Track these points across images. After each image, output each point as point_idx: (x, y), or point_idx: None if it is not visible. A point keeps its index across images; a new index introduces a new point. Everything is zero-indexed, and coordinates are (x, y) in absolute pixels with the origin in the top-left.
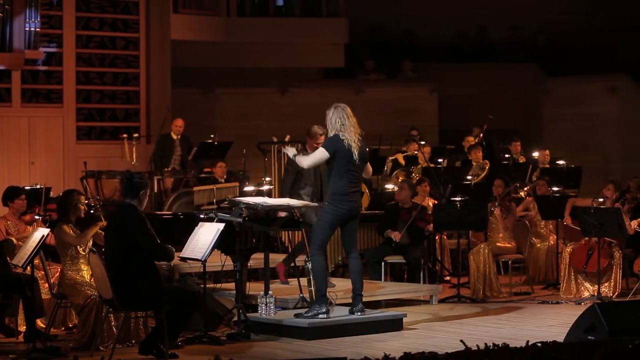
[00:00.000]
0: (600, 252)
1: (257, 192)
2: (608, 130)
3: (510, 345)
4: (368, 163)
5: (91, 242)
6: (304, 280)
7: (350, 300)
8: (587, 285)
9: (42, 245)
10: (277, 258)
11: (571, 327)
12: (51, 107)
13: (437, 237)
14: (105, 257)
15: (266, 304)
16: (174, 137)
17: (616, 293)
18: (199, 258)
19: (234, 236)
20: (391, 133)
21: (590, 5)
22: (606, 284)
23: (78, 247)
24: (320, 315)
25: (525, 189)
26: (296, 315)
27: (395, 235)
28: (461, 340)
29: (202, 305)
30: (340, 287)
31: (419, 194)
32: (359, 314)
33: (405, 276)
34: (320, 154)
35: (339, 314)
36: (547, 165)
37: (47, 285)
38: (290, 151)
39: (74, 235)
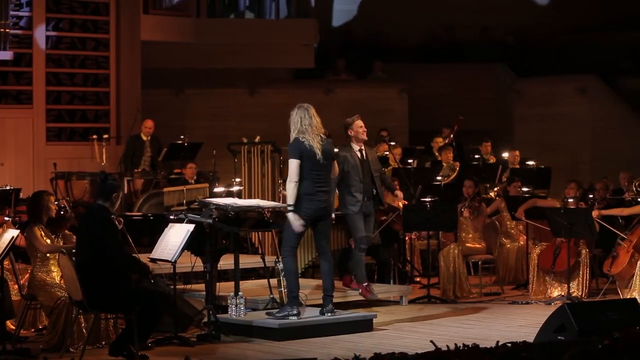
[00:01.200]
0: (566, 251)
1: (227, 193)
2: (578, 130)
3: (480, 346)
4: (335, 165)
5: (61, 244)
6: (274, 281)
7: (320, 301)
8: (557, 285)
9: (12, 246)
10: (247, 259)
11: (541, 328)
12: (21, 108)
13: (407, 238)
14: (76, 258)
15: (236, 305)
16: (144, 138)
17: (585, 293)
18: (169, 259)
19: (204, 237)
20: None
21: (560, 6)
22: (575, 283)
23: None
24: (291, 317)
25: (496, 189)
26: (267, 314)
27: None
28: (431, 341)
29: (172, 307)
30: (311, 287)
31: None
32: (329, 314)
33: (376, 277)
34: (293, 165)
35: (310, 314)
36: (517, 166)
37: (16, 286)
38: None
39: (45, 244)
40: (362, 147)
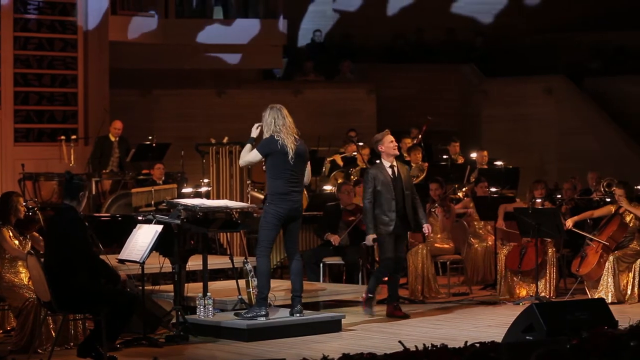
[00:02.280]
0: (533, 250)
1: (196, 194)
2: (545, 130)
3: (449, 346)
4: (309, 168)
5: (29, 245)
6: (242, 282)
7: (289, 302)
8: (525, 285)
9: None
10: (215, 260)
11: (509, 328)
12: None
13: None
14: (45, 260)
15: (204, 306)
16: (112, 139)
17: (553, 293)
18: (137, 260)
19: (172, 238)
20: (329, 134)
21: (527, 7)
22: (542, 283)
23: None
24: (259, 318)
25: (464, 189)
26: (236, 315)
27: (335, 239)
28: (400, 341)
29: (140, 308)
30: (280, 288)
31: (357, 195)
32: (298, 315)
33: (344, 277)
34: (253, 156)
35: (278, 315)
36: (485, 166)
37: None
38: (254, 132)
39: (14, 247)
40: (394, 164)
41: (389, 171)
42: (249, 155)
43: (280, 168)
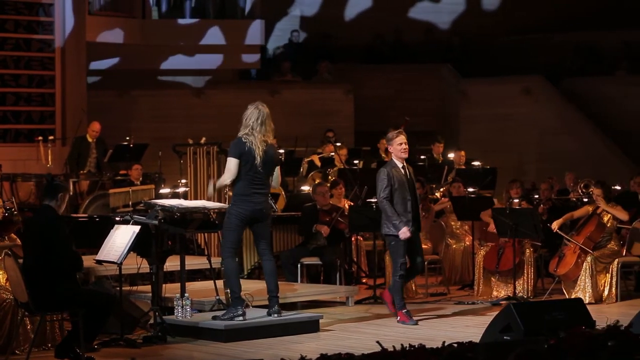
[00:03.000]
0: (510, 250)
1: (173, 195)
2: (523, 131)
3: (427, 346)
4: (278, 172)
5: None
6: (220, 282)
7: (266, 302)
8: (502, 285)
9: None
10: (193, 260)
11: (487, 328)
12: None
13: (353, 239)
14: (24, 261)
15: (182, 307)
16: (90, 140)
17: (531, 293)
18: (115, 261)
19: (150, 239)
20: (307, 134)
21: (504, 7)
22: (519, 282)
23: None
24: (236, 318)
25: (441, 189)
26: (214, 317)
27: (325, 230)
28: (377, 342)
29: (118, 308)
30: (257, 289)
31: (334, 196)
32: (275, 315)
33: (322, 278)
34: (230, 163)
35: (256, 315)
36: (463, 166)
37: None
38: (210, 188)
39: None
40: (405, 165)
41: (402, 171)
42: (228, 167)
43: (245, 170)
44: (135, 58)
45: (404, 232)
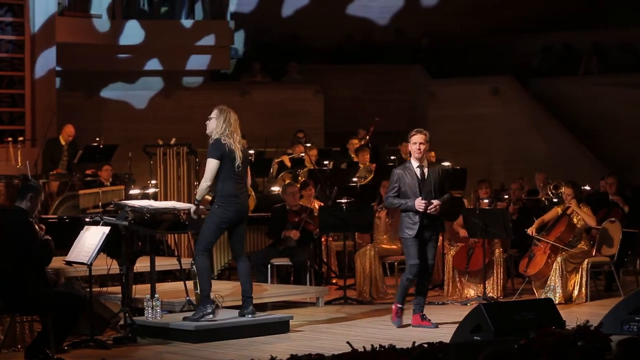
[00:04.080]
0: (480, 251)
1: (143, 195)
2: (492, 131)
3: (397, 346)
4: (249, 170)
5: None
6: (190, 283)
7: (236, 303)
8: (472, 285)
9: None
10: (163, 261)
11: (457, 328)
12: None
13: (323, 239)
14: None
15: (152, 307)
16: (63, 142)
17: (501, 293)
18: (85, 262)
19: (120, 239)
20: (277, 135)
21: (473, 8)
22: (489, 283)
23: None
24: (206, 316)
25: None
26: (184, 319)
27: (294, 234)
28: (348, 342)
29: (88, 309)
30: (228, 289)
31: (304, 197)
32: (249, 316)
33: (292, 278)
34: (212, 164)
35: (226, 316)
36: None
37: None
38: (192, 210)
39: None
40: (424, 164)
41: (417, 172)
42: (208, 168)
43: (229, 171)
44: (105, 59)
45: (419, 203)
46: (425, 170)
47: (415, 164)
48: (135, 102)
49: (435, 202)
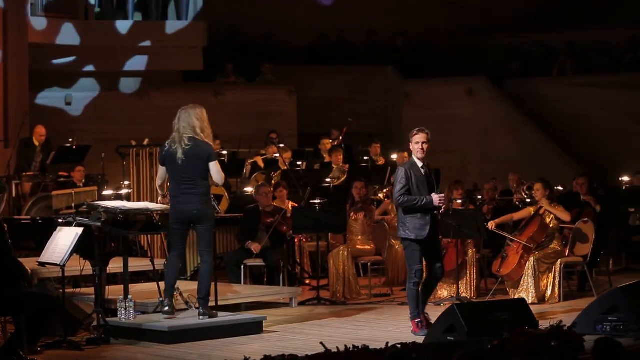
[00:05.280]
0: (453, 251)
1: (116, 196)
2: (466, 132)
3: (370, 347)
4: (215, 167)
5: None
6: (163, 284)
7: (209, 304)
8: (445, 286)
9: None
10: (136, 262)
11: (430, 328)
12: None
13: (296, 240)
14: None
15: (125, 308)
16: (37, 143)
17: (474, 293)
18: (58, 263)
19: (93, 240)
20: (250, 136)
21: (448, 8)
22: (462, 283)
23: None
24: (165, 308)
25: (385, 190)
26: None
27: (255, 248)
28: (321, 343)
29: (61, 310)
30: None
31: (277, 198)
32: (201, 317)
33: (265, 279)
34: (159, 170)
35: (199, 317)
36: None
37: None
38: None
39: None
40: (425, 164)
41: (422, 171)
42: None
43: (171, 172)
44: (78, 59)
45: (438, 198)
46: (428, 171)
47: (419, 163)
48: (108, 102)
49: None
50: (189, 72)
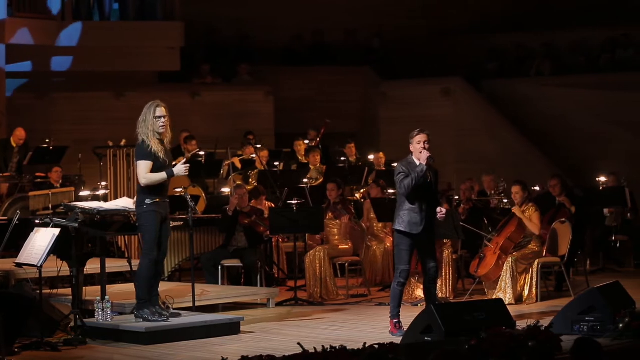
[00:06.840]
0: None
1: (93, 197)
2: (443, 132)
3: (348, 347)
4: (139, 167)
5: None
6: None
7: (186, 304)
8: (422, 286)
9: None
10: (113, 263)
11: (408, 329)
12: None
13: (273, 240)
14: None
15: (103, 309)
16: (14, 144)
17: (452, 293)
18: (35, 264)
19: (70, 241)
20: (227, 136)
21: (425, 9)
22: (440, 283)
23: None
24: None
25: (362, 191)
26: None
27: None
28: (299, 343)
29: (38, 311)
30: (178, 291)
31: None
32: (137, 319)
33: (243, 280)
34: (145, 167)
35: (177, 318)
36: (383, 168)
37: None
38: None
39: None
40: (425, 165)
41: (419, 169)
42: (141, 171)
43: (155, 171)
44: (55, 60)
45: (425, 156)
46: (428, 173)
47: (416, 162)
48: (85, 103)
49: (443, 209)
50: (166, 72)
